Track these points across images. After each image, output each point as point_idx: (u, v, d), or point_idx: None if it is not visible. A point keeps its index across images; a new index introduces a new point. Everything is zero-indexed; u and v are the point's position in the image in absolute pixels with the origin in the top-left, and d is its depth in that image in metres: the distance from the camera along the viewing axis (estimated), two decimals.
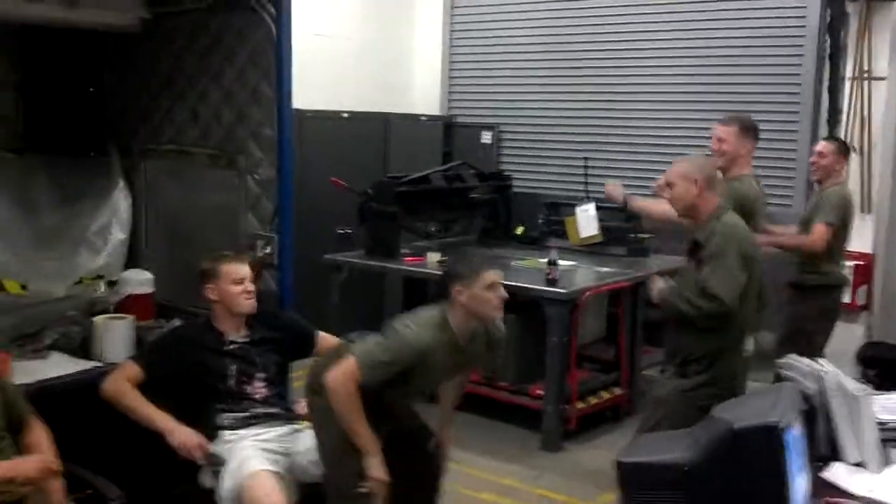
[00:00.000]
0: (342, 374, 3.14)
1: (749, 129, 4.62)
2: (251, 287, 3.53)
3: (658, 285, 3.80)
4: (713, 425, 2.14)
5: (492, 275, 3.24)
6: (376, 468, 3.16)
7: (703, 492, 2.07)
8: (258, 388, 3.49)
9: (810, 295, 4.93)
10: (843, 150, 5.17)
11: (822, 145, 5.15)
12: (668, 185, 3.68)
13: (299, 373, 3.86)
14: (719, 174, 4.16)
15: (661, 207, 4.41)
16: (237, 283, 3.50)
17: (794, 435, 2.16)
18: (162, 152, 4.47)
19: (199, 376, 3.43)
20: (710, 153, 4.66)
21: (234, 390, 3.44)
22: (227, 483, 3.18)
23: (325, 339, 3.75)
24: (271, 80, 3.93)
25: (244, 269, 3.54)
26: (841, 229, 4.95)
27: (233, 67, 4.08)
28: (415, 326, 3.20)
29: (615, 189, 5.27)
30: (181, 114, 4.37)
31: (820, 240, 4.84)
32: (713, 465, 2.06)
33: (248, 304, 3.53)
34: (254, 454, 3.25)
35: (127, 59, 4.53)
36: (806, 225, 5.00)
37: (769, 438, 2.01)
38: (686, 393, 3.62)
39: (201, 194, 4.36)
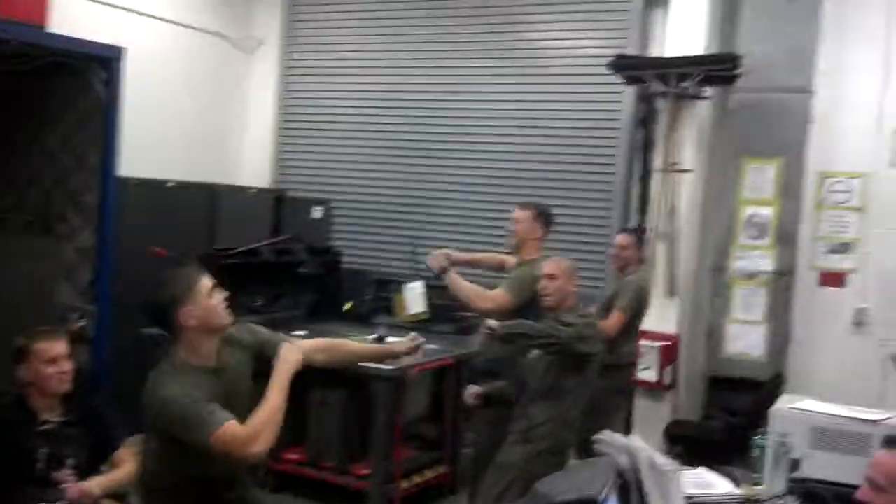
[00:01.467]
0: (237, 445, 2.71)
1: (542, 215, 4.86)
2: (66, 367, 3.34)
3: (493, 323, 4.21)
4: (534, 500, 2.21)
5: (204, 277, 2.89)
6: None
7: None
8: (66, 477, 3.28)
9: (605, 373, 5.09)
10: (642, 239, 5.68)
11: (623, 238, 5.58)
12: (552, 276, 4.16)
13: None
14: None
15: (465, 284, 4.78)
16: (50, 362, 3.31)
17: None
18: None
19: (6, 458, 3.21)
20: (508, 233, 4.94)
21: (44, 475, 3.23)
22: None
23: (124, 454, 3.52)
24: (97, 146, 3.83)
25: (59, 347, 3.34)
26: (636, 313, 5.32)
27: (57, 132, 3.95)
28: (160, 396, 2.75)
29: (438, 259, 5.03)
30: None
31: (614, 326, 5.24)
32: None
33: (62, 386, 3.34)
34: None
35: None
36: (607, 309, 5.31)
37: None
38: (534, 458, 3.94)
39: (13, 263, 4.14)
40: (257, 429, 2.75)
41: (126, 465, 3.47)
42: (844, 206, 6.23)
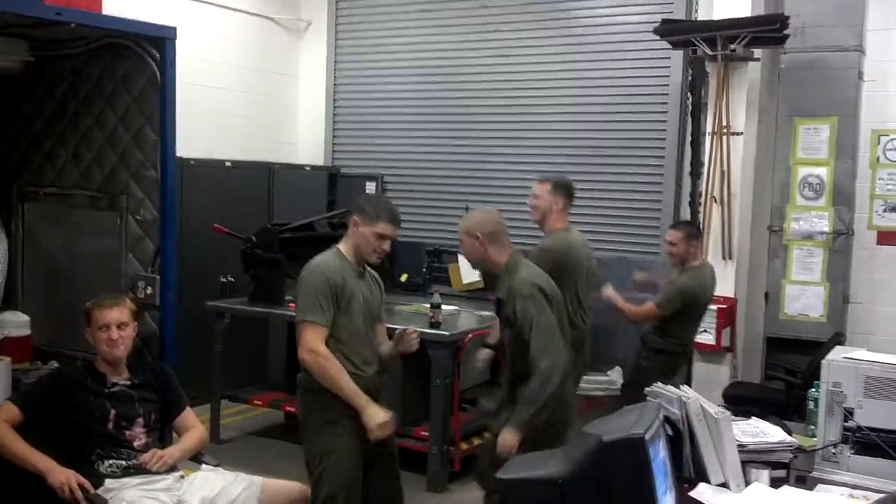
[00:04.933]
0: (306, 344, 3.41)
1: (561, 187, 4.90)
2: (115, 335, 3.44)
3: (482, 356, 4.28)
4: (585, 440, 2.27)
5: (387, 227, 3.57)
6: (373, 416, 3.42)
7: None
8: (137, 434, 3.43)
9: (654, 356, 5.24)
10: (693, 233, 5.41)
11: (671, 234, 5.35)
12: (460, 240, 3.84)
13: None
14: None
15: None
16: (101, 329, 3.44)
17: (659, 446, 2.31)
18: (42, 195, 4.41)
19: (79, 418, 3.36)
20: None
21: (113, 434, 3.38)
22: None
23: (189, 417, 3.67)
24: (154, 123, 3.96)
25: (110, 315, 3.44)
26: (678, 312, 5.20)
27: (116, 110, 4.09)
28: (314, 263, 3.56)
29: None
30: (62, 156, 4.33)
31: (643, 314, 5.28)
32: (586, 478, 2.17)
33: (108, 352, 3.46)
34: None
35: (8, 102, 4.46)
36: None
37: (635, 449, 2.15)
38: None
39: (82, 236, 4.31)
40: (323, 361, 3.41)
41: (194, 431, 3.63)
42: None
